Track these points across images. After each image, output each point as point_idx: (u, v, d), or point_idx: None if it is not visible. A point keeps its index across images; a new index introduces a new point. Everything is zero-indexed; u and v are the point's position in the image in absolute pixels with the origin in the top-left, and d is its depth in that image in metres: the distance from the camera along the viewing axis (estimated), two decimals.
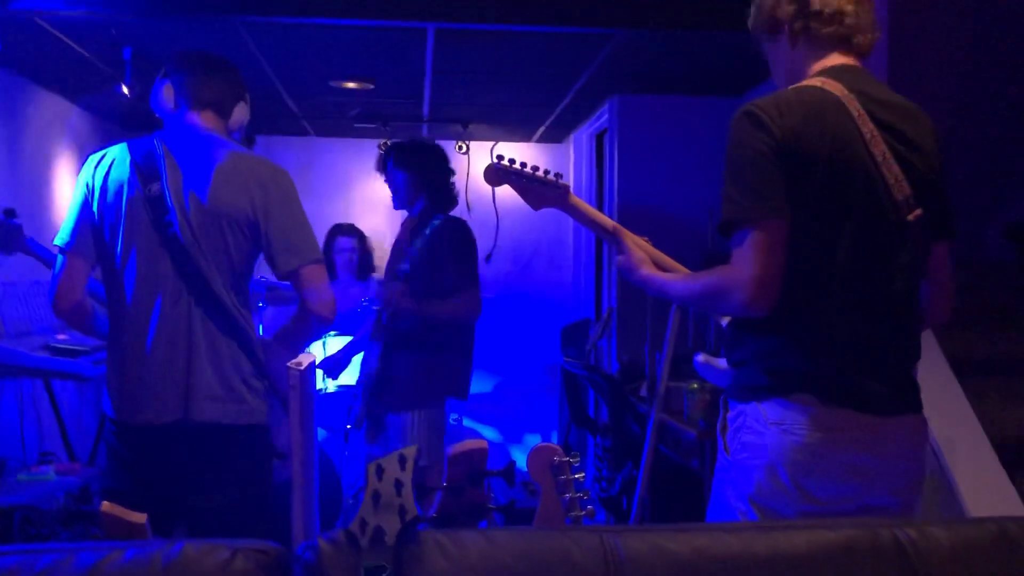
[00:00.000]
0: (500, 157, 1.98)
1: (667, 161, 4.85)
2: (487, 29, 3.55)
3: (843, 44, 1.76)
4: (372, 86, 4.60)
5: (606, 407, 4.21)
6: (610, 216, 5.07)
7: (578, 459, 1.53)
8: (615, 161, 4.89)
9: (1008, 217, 4.11)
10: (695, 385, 3.35)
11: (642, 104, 4.83)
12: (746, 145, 1.60)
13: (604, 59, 4.06)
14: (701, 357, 1.89)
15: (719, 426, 1.78)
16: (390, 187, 3.51)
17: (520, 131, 5.96)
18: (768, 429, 1.63)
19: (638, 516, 3.10)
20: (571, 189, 2.00)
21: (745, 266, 1.55)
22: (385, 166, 3.51)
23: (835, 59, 1.76)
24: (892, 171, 1.63)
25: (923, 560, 1.29)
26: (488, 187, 6.17)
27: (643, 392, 4.04)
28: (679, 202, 4.76)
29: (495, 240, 6.21)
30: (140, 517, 1.45)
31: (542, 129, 5.85)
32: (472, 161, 6.15)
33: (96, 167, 2.25)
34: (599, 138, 5.48)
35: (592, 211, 2.03)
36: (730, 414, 1.74)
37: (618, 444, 3.98)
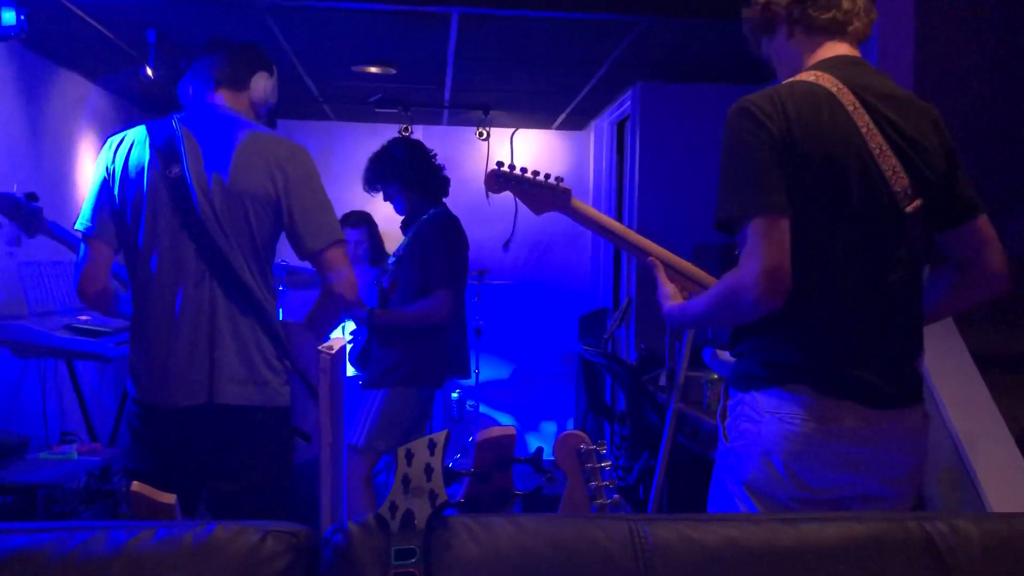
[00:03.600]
0: (500, 164, 1.97)
1: (689, 150, 4.82)
2: (511, 15, 3.53)
3: (839, 31, 1.75)
4: (394, 71, 4.59)
5: (624, 396, 4.21)
6: (630, 206, 5.07)
7: (604, 447, 1.53)
8: (636, 149, 4.87)
9: None
10: (714, 375, 3.34)
11: (665, 92, 4.80)
12: (744, 141, 1.59)
13: (627, 46, 4.04)
14: (711, 351, 1.91)
15: (719, 413, 1.79)
16: (386, 200, 3.56)
17: (541, 118, 5.94)
18: (764, 418, 1.64)
19: (655, 505, 3.10)
20: (572, 193, 1.99)
21: (753, 261, 1.53)
22: (370, 186, 3.55)
23: (831, 49, 1.75)
24: (889, 163, 1.63)
25: (953, 554, 1.28)
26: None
27: (662, 381, 4.03)
28: (701, 191, 4.73)
29: (513, 227, 6.20)
30: (169, 498, 1.46)
31: (563, 116, 5.83)
32: (492, 147, 6.14)
33: (116, 150, 2.25)
34: (620, 126, 5.46)
35: (597, 215, 2.01)
36: (730, 402, 1.75)
37: (635, 433, 3.97)
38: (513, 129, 6.19)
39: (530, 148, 6.26)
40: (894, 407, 1.65)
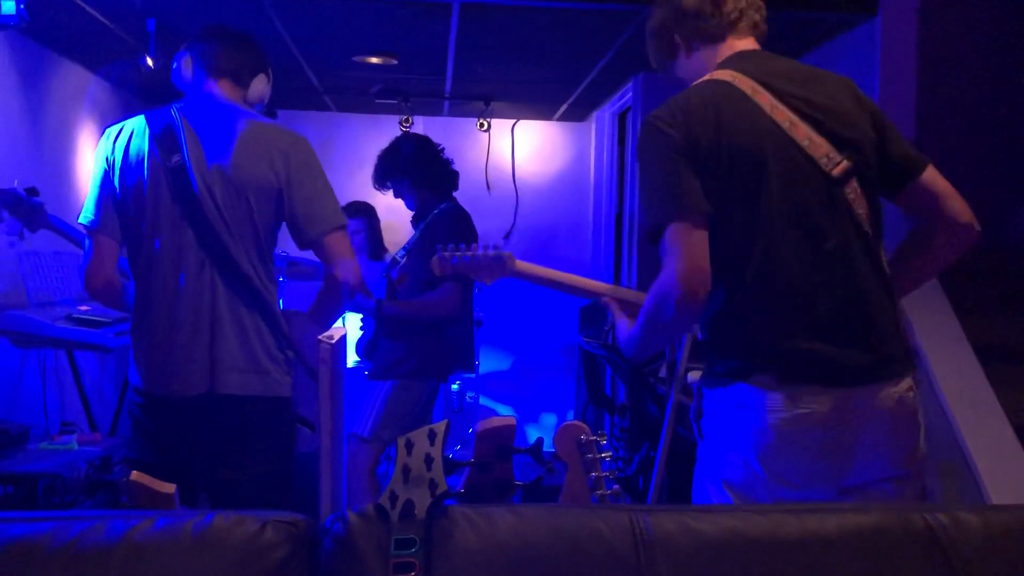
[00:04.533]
0: (439, 251, 2.03)
1: None
2: (513, 5, 3.52)
3: (732, 31, 1.81)
4: (395, 62, 4.58)
5: (624, 387, 4.21)
6: (631, 197, 5.05)
7: (605, 438, 1.53)
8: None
9: None
10: None
11: (667, 83, 4.77)
12: (652, 154, 1.66)
13: (629, 36, 4.02)
14: (691, 375, 1.92)
15: (692, 412, 1.79)
16: (397, 197, 3.57)
17: (542, 109, 5.93)
18: (734, 414, 1.63)
19: (655, 497, 3.10)
20: (512, 257, 2.06)
21: (671, 265, 1.58)
22: (380, 184, 3.56)
23: (730, 48, 1.80)
24: (802, 133, 1.65)
25: (954, 545, 1.27)
26: (508, 164, 6.18)
27: (662, 373, 4.03)
28: None
29: (514, 218, 6.19)
30: (169, 488, 1.46)
31: (564, 107, 5.81)
32: (493, 138, 6.13)
33: (115, 140, 2.24)
34: (622, 117, 5.44)
35: (544, 271, 2.10)
36: (703, 401, 1.75)
37: (635, 424, 3.98)
38: (514, 120, 6.18)
39: (531, 139, 6.25)
40: (866, 383, 1.60)
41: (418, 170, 3.48)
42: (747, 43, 1.81)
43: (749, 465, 1.61)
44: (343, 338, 1.41)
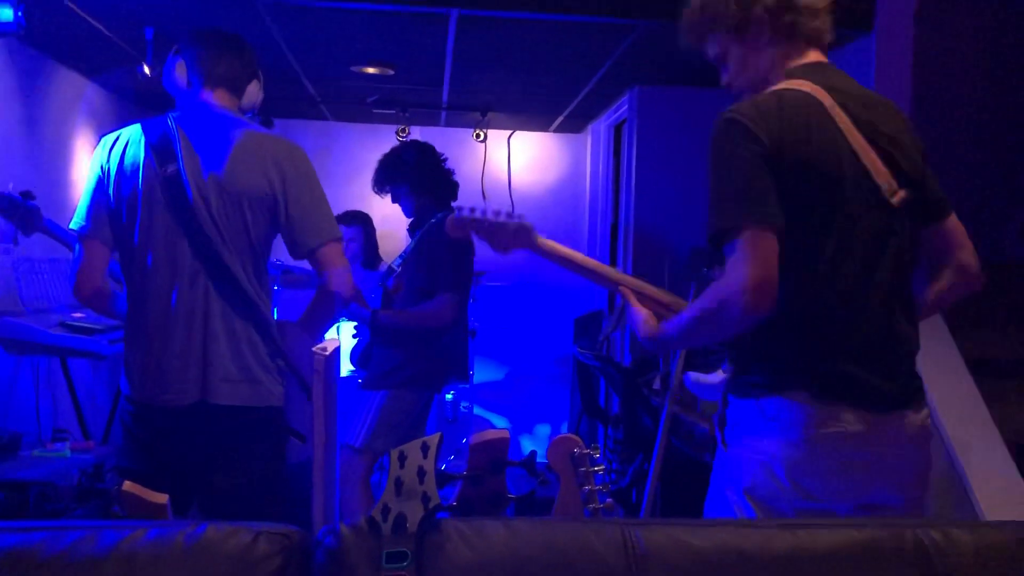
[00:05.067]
0: (460, 208, 1.95)
1: (686, 154, 4.82)
2: (510, 16, 3.53)
3: (818, 40, 1.76)
4: (392, 72, 4.59)
5: (618, 398, 4.21)
6: (626, 209, 5.07)
7: (598, 452, 1.53)
8: (633, 153, 4.87)
9: (1023, 217, 4.08)
10: None
11: (662, 96, 4.80)
12: (734, 153, 1.59)
13: (625, 49, 4.04)
14: (692, 376, 1.91)
15: (716, 420, 1.78)
16: (395, 203, 3.57)
17: (538, 120, 5.94)
18: (765, 426, 1.63)
19: (649, 508, 3.10)
20: (534, 228, 1.97)
21: (740, 272, 1.53)
22: (379, 188, 3.57)
23: (807, 56, 1.75)
24: (870, 159, 1.64)
25: (945, 561, 1.28)
26: (504, 175, 6.18)
27: (656, 384, 4.03)
28: (697, 195, 4.72)
29: None
30: (161, 498, 1.45)
31: (560, 119, 5.83)
32: (489, 149, 6.14)
33: (111, 148, 2.24)
34: (618, 129, 5.46)
35: (564, 250, 2.00)
36: (728, 409, 1.74)
37: (629, 436, 3.97)
38: (510, 131, 6.20)
39: (527, 150, 6.26)
40: (895, 409, 1.64)
41: (419, 177, 3.48)
42: (819, 55, 1.77)
43: (776, 477, 1.62)
44: (337, 350, 1.41)
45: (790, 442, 1.60)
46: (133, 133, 2.24)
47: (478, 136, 5.95)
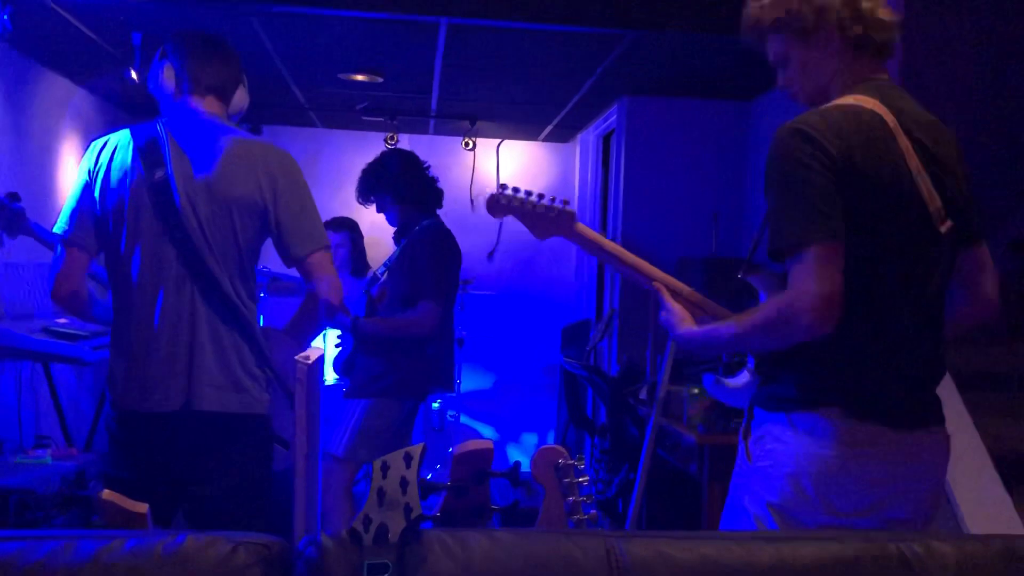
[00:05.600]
0: (503, 186, 1.88)
1: (674, 164, 4.84)
2: (499, 25, 3.54)
3: (884, 55, 1.72)
4: (381, 79, 4.59)
5: (605, 408, 4.20)
6: (614, 219, 5.07)
7: (583, 462, 1.52)
8: (622, 162, 4.88)
9: (1012, 232, 4.11)
10: (695, 390, 3.35)
11: (650, 106, 4.82)
12: (804, 165, 1.55)
13: (614, 60, 4.05)
14: (714, 378, 1.88)
15: (742, 431, 1.77)
16: (380, 212, 3.57)
17: (527, 129, 5.95)
18: (796, 439, 1.62)
19: (635, 519, 3.09)
20: (576, 216, 1.92)
21: (810, 287, 1.51)
22: (364, 198, 3.56)
23: (871, 69, 1.71)
24: (926, 184, 1.62)
25: (928, 575, 1.28)
26: (492, 184, 6.16)
27: (643, 395, 4.04)
28: (685, 206, 4.76)
29: (498, 238, 6.20)
30: (141, 507, 1.44)
31: (549, 128, 5.84)
32: (478, 158, 6.14)
33: (99, 153, 2.23)
34: (606, 139, 5.47)
35: (602, 240, 1.95)
36: (754, 421, 1.72)
37: (616, 446, 3.97)
38: (499, 140, 6.20)
39: (516, 160, 6.27)
40: (919, 428, 1.65)
41: (403, 185, 3.48)
42: (882, 71, 1.74)
43: (804, 491, 1.61)
44: (320, 358, 1.40)
45: (822, 457, 1.59)
46: (122, 138, 2.23)
47: (467, 144, 5.96)
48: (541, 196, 1.89)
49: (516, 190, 1.88)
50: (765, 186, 1.64)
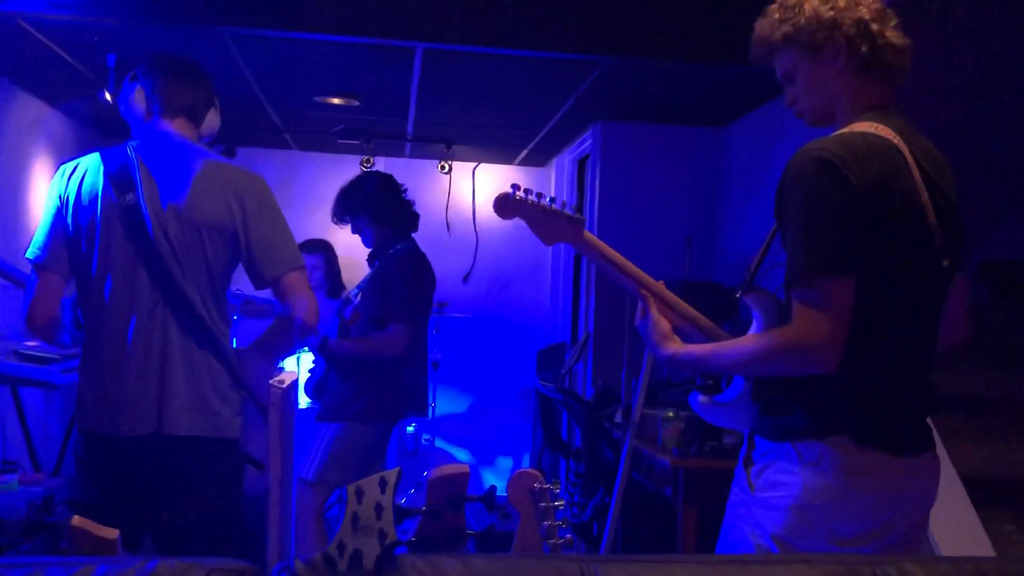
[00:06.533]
0: (516, 187, 1.82)
1: (648, 189, 4.88)
2: (475, 51, 3.56)
3: (893, 79, 1.71)
4: (357, 103, 4.60)
5: (580, 432, 4.20)
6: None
7: (559, 486, 1.52)
8: (596, 186, 4.91)
9: (980, 257, 4.17)
10: (670, 413, 3.36)
11: (625, 131, 4.86)
12: (825, 196, 1.52)
13: (589, 85, 4.09)
14: (701, 398, 1.86)
15: (742, 460, 1.76)
16: (355, 233, 3.58)
17: (503, 153, 5.98)
18: (802, 469, 1.62)
19: (610, 543, 3.09)
20: (585, 223, 1.87)
21: (821, 324, 1.50)
22: (339, 218, 3.57)
23: (879, 94, 1.70)
24: (932, 219, 1.63)
25: None
26: (467, 207, 6.15)
27: (618, 418, 4.04)
28: (659, 230, 4.79)
29: (474, 260, 6.21)
30: (111, 533, 1.42)
31: (525, 152, 5.87)
32: (454, 181, 6.16)
33: (69, 177, 2.22)
34: (581, 164, 5.51)
35: (606, 248, 1.90)
36: (756, 451, 1.71)
37: (591, 470, 3.96)
38: (475, 164, 6.22)
39: (492, 183, 6.30)
40: (913, 454, 1.67)
41: (379, 207, 3.48)
42: (889, 95, 1.72)
43: (809, 520, 1.60)
44: (294, 383, 1.39)
45: (830, 486, 1.59)
46: (92, 162, 2.22)
47: (443, 168, 5.97)
48: (553, 200, 1.85)
49: (528, 191, 1.83)
50: (780, 211, 1.62)
